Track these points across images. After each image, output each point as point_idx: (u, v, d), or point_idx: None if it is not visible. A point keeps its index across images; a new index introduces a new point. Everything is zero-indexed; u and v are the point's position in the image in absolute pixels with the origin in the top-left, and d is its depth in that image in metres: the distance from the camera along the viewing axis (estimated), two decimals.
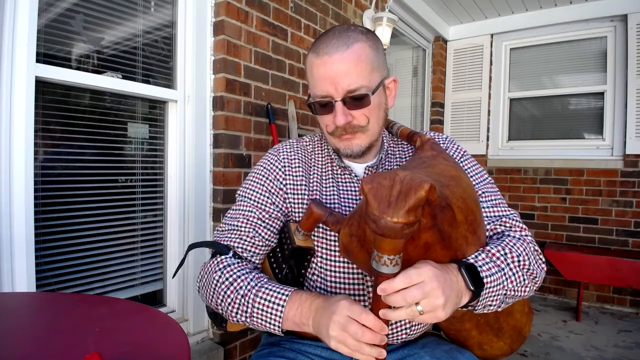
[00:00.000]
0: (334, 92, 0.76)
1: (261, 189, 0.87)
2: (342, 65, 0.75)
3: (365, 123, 0.79)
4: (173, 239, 1.65)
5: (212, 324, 0.88)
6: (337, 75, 0.75)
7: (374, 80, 0.78)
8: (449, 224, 0.63)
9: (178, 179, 1.65)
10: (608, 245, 3.04)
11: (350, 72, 0.75)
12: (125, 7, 1.50)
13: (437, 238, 0.63)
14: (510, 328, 0.85)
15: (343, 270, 0.82)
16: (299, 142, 0.94)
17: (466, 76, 3.64)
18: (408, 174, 0.58)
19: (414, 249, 0.63)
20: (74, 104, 1.38)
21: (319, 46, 0.77)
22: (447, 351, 0.82)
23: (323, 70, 0.76)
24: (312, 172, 0.89)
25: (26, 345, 0.63)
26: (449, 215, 0.62)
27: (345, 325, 0.61)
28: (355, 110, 0.78)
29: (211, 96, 1.71)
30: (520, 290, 0.73)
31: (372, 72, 0.77)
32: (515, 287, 0.72)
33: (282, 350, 0.86)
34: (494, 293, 0.69)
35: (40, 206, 1.25)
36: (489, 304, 0.70)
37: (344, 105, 0.77)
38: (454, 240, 0.65)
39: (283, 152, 0.90)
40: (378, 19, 2.55)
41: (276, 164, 0.88)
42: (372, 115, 0.80)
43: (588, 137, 3.26)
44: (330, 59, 0.75)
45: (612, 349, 2.28)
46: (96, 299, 0.92)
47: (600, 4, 3.03)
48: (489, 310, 0.71)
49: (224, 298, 0.76)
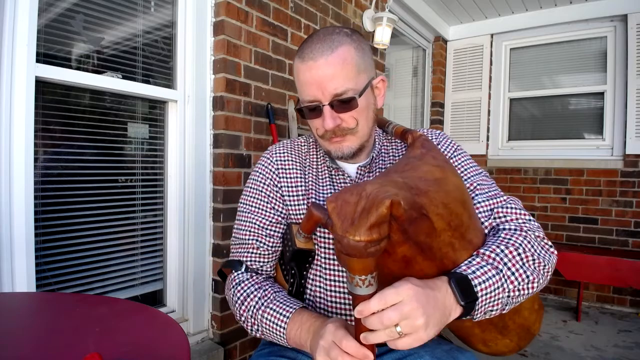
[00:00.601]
0: (321, 97, 0.76)
1: (259, 196, 0.88)
2: (327, 69, 0.74)
3: (354, 125, 0.79)
4: (173, 239, 1.65)
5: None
6: (323, 79, 0.74)
7: (361, 82, 0.78)
8: (426, 235, 0.60)
9: (178, 179, 1.65)
10: (608, 245, 3.04)
11: (336, 76, 0.74)
12: (125, 7, 1.50)
13: (415, 250, 0.61)
14: (516, 326, 0.82)
15: (343, 271, 0.83)
16: (293, 142, 0.94)
17: (466, 76, 3.64)
18: (375, 188, 0.56)
19: (393, 263, 0.62)
20: (74, 104, 1.38)
21: (304, 51, 0.77)
22: (448, 351, 0.81)
23: (309, 75, 0.76)
24: (307, 172, 0.89)
25: (26, 345, 0.63)
26: (425, 225, 0.60)
27: (329, 351, 0.61)
28: (344, 113, 0.77)
29: (211, 96, 1.71)
30: (526, 288, 0.69)
31: (358, 74, 0.77)
32: (519, 286, 0.68)
33: (283, 350, 0.86)
34: (492, 299, 0.65)
35: (40, 206, 1.25)
36: (490, 310, 0.66)
37: (331, 109, 0.77)
38: (437, 250, 0.63)
39: (276, 154, 0.91)
40: (378, 19, 2.55)
41: (269, 167, 0.89)
42: (360, 117, 0.79)
43: (588, 137, 3.26)
44: (316, 64, 0.75)
45: (612, 349, 2.28)
46: (96, 299, 0.92)
47: (600, 4, 3.03)
48: (492, 315, 0.68)
49: (240, 316, 0.82)
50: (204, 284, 1.71)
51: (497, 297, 0.66)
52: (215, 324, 1.71)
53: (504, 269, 0.68)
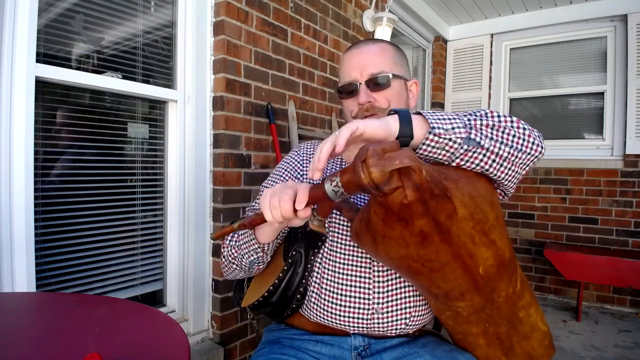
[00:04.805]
0: (359, 77, 0.88)
1: (279, 180, 0.95)
2: (368, 55, 0.89)
3: (386, 106, 0.87)
4: (173, 239, 1.65)
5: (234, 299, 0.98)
6: (364, 62, 0.88)
7: (396, 71, 0.89)
8: (447, 216, 0.62)
9: (178, 179, 1.65)
10: (608, 245, 3.04)
11: (375, 61, 0.88)
12: (125, 7, 1.50)
13: (433, 228, 0.62)
14: (523, 352, 0.81)
15: (352, 253, 0.85)
16: (318, 142, 1.02)
17: (466, 76, 3.64)
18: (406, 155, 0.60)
19: (410, 236, 0.63)
20: (74, 104, 1.38)
21: (352, 47, 0.93)
22: (448, 351, 0.82)
23: (353, 60, 0.90)
24: (328, 166, 0.97)
25: (26, 345, 0.63)
26: (447, 206, 0.62)
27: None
28: (377, 92, 0.87)
29: (211, 96, 1.71)
30: (498, 123, 0.68)
31: (394, 65, 0.89)
32: (483, 119, 0.68)
33: (283, 348, 0.87)
34: (442, 117, 0.65)
35: (40, 206, 1.25)
36: (444, 127, 0.64)
37: (367, 88, 0.87)
38: (455, 236, 0.64)
39: (303, 149, 1.01)
40: (378, 19, 2.55)
41: (296, 158, 0.99)
42: (392, 101, 0.88)
43: (588, 137, 3.26)
44: (359, 51, 0.90)
45: (612, 349, 2.28)
46: (96, 299, 0.92)
47: (600, 4, 3.03)
48: (454, 150, 0.66)
49: (225, 260, 0.89)
50: (204, 284, 1.71)
51: (451, 126, 0.65)
52: (215, 324, 1.71)
53: (465, 118, 0.69)
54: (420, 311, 0.85)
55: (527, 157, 0.71)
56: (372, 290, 0.83)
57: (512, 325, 0.78)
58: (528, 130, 0.70)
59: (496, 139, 0.67)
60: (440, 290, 0.72)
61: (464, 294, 0.72)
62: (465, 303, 0.73)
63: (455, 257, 0.66)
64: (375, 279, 0.84)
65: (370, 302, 0.83)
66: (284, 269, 0.86)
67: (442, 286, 0.71)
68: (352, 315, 0.83)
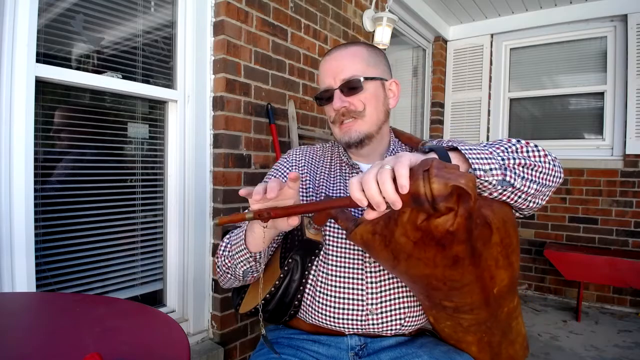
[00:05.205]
0: (333, 83, 0.89)
1: None
2: (340, 60, 0.90)
3: (361, 109, 0.88)
4: (173, 239, 1.65)
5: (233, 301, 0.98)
6: (336, 68, 0.89)
7: (369, 73, 0.90)
8: (483, 243, 0.63)
9: (178, 179, 1.65)
10: (608, 245, 3.04)
11: (346, 65, 0.89)
12: (125, 7, 1.50)
13: (467, 253, 0.62)
14: (507, 356, 0.85)
15: (345, 255, 0.86)
16: (309, 147, 1.05)
17: (466, 76, 3.64)
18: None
19: (442, 259, 0.62)
20: (74, 104, 1.38)
21: (327, 53, 0.94)
22: (445, 352, 0.82)
23: (327, 66, 0.91)
24: (319, 171, 0.98)
25: (26, 345, 0.63)
26: (486, 233, 0.63)
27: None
28: (351, 96, 0.88)
29: (211, 96, 1.71)
30: (529, 159, 0.69)
31: (367, 67, 0.90)
32: (515, 155, 0.68)
33: (281, 347, 0.87)
34: (479, 152, 0.66)
35: (40, 206, 1.25)
36: (481, 157, 0.65)
37: (341, 93, 0.88)
38: (484, 260, 0.65)
39: (292, 155, 1.02)
40: (378, 19, 2.55)
41: (285, 165, 1.00)
42: (368, 103, 0.89)
43: (588, 137, 3.26)
44: (331, 57, 0.92)
45: (612, 349, 2.28)
46: (96, 299, 0.92)
47: (600, 4, 3.03)
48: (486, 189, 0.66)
49: (221, 265, 0.88)
50: (204, 284, 1.71)
51: (484, 151, 0.66)
52: (215, 324, 1.71)
53: (494, 147, 0.70)
54: (416, 312, 0.86)
55: (550, 189, 0.75)
56: (365, 291, 0.84)
57: (504, 334, 0.81)
58: (551, 163, 0.74)
59: (527, 178, 0.69)
60: (452, 304, 0.73)
61: (473, 309, 0.73)
62: (471, 316, 0.75)
63: (478, 279, 0.67)
64: (368, 279, 0.84)
65: (364, 303, 0.84)
66: (280, 277, 0.86)
67: (456, 301, 0.72)
68: (347, 317, 0.84)
